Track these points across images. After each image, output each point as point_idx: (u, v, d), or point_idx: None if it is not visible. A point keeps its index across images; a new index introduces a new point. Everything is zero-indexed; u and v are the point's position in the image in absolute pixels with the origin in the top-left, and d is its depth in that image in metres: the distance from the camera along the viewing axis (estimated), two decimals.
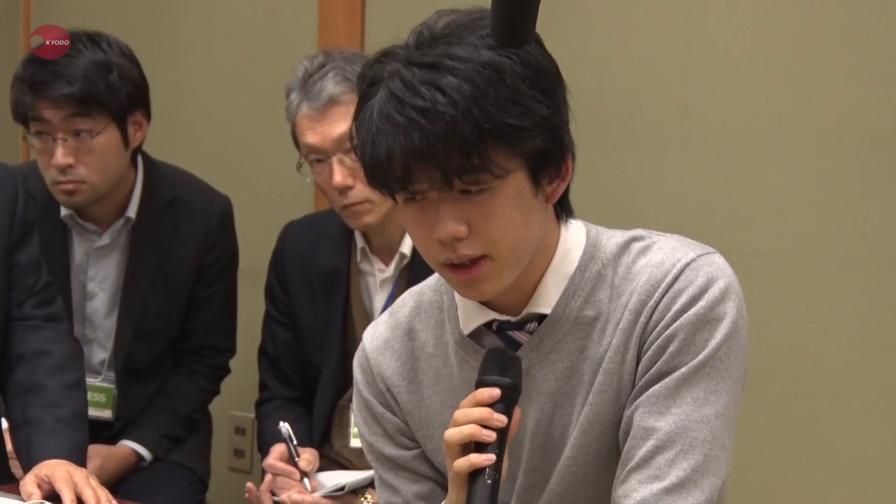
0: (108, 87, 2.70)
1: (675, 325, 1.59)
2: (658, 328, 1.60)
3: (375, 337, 1.81)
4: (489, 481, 1.53)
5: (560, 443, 1.69)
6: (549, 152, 1.56)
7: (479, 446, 1.54)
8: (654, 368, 1.60)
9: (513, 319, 1.68)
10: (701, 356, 1.58)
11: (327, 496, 2.59)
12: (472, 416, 1.55)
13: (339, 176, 2.59)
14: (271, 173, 3.39)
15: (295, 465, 2.64)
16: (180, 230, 2.92)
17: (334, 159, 2.60)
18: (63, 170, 2.71)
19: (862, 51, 2.67)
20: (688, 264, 1.61)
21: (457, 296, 1.71)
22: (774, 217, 2.78)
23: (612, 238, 1.69)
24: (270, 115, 3.04)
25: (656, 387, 1.60)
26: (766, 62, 2.77)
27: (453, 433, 1.56)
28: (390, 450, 1.80)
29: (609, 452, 1.66)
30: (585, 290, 1.66)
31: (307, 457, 2.66)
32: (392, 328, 1.79)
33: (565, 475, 1.68)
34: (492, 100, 1.49)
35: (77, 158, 2.71)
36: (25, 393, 2.45)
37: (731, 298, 1.61)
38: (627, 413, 1.63)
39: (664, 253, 1.64)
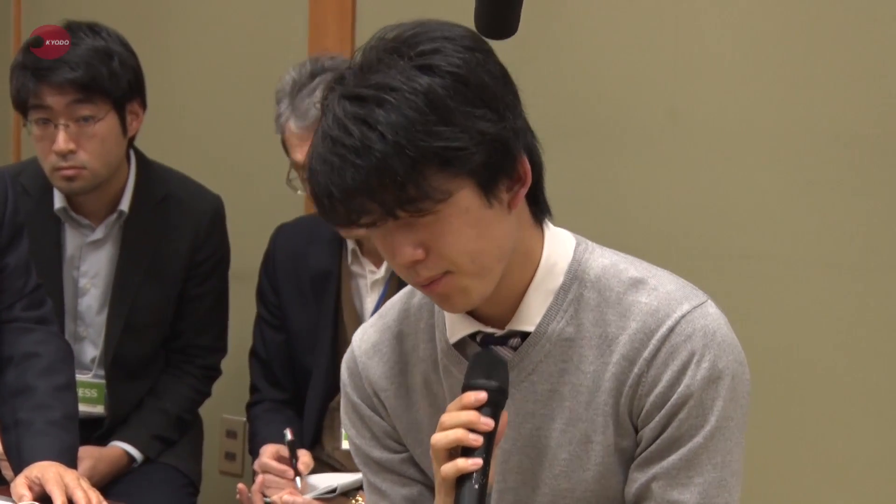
0: (111, 73, 2.73)
1: (680, 389, 1.60)
2: (659, 390, 1.61)
3: (364, 340, 1.80)
4: (476, 486, 1.52)
5: (537, 465, 1.69)
6: (495, 164, 1.54)
7: (467, 451, 1.54)
8: (665, 435, 1.61)
9: (497, 333, 1.67)
10: (712, 421, 1.60)
11: (318, 498, 2.59)
12: (458, 419, 1.55)
13: None
14: (262, 176, 3.38)
15: (293, 466, 2.64)
16: (172, 226, 2.92)
17: None
18: (64, 155, 2.73)
19: (850, 52, 2.68)
20: (683, 317, 1.61)
21: None
22: (763, 219, 2.78)
23: (600, 258, 1.68)
24: (262, 118, 3.04)
25: (673, 458, 1.61)
26: (754, 65, 2.78)
27: (440, 437, 1.55)
28: (378, 453, 1.80)
29: (604, 486, 1.67)
30: (568, 313, 1.65)
31: (305, 459, 2.67)
32: (381, 331, 1.79)
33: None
34: (422, 127, 1.48)
35: (78, 144, 2.73)
36: (15, 395, 2.45)
37: (729, 350, 1.62)
38: (637, 475, 1.64)
39: (659, 299, 1.63)
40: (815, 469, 2.77)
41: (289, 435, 2.69)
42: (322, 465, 2.78)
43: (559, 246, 1.68)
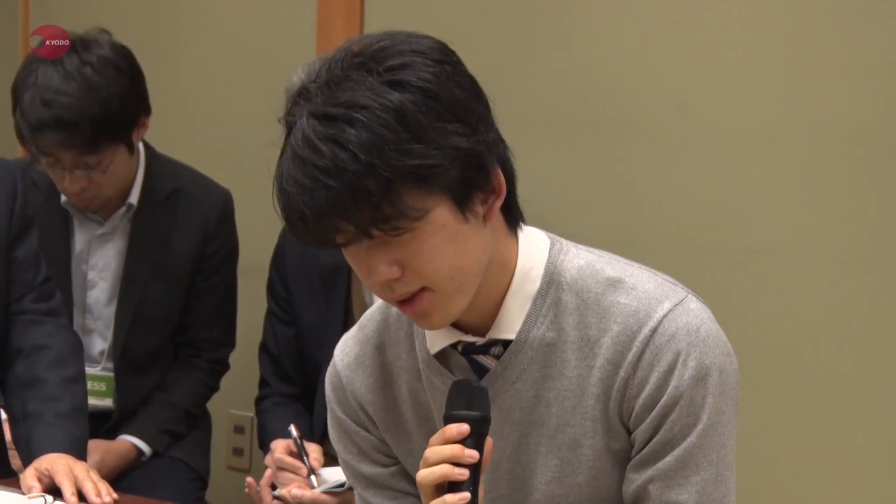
0: (113, 122, 2.69)
1: (668, 391, 1.58)
2: (648, 392, 1.59)
3: (346, 353, 1.77)
4: None
5: (528, 472, 1.67)
6: (469, 178, 1.50)
7: (454, 484, 1.51)
8: (658, 437, 1.60)
9: (479, 342, 1.64)
10: (704, 419, 1.59)
11: (327, 492, 2.59)
12: (443, 454, 1.52)
13: None
14: (272, 171, 3.38)
15: (305, 462, 2.64)
16: (181, 220, 2.93)
17: None
18: (77, 192, 2.75)
19: (858, 48, 2.67)
20: (665, 316, 1.59)
21: None
22: (771, 213, 2.78)
23: (575, 259, 1.65)
24: (271, 114, 3.02)
25: (668, 459, 1.60)
26: (762, 59, 2.77)
27: (425, 475, 1.52)
28: (367, 468, 1.78)
29: (598, 488, 1.66)
30: (548, 318, 1.63)
31: (315, 455, 2.67)
32: (361, 343, 1.76)
33: None
34: (394, 146, 1.45)
35: (89, 181, 2.74)
36: (25, 387, 2.46)
37: (713, 345, 1.60)
38: (634, 476, 1.63)
39: (638, 299, 1.60)
40: (817, 464, 2.76)
41: (294, 431, 2.68)
42: (331, 459, 2.77)
43: (533, 250, 1.65)
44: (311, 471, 2.62)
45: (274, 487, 2.69)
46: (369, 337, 1.75)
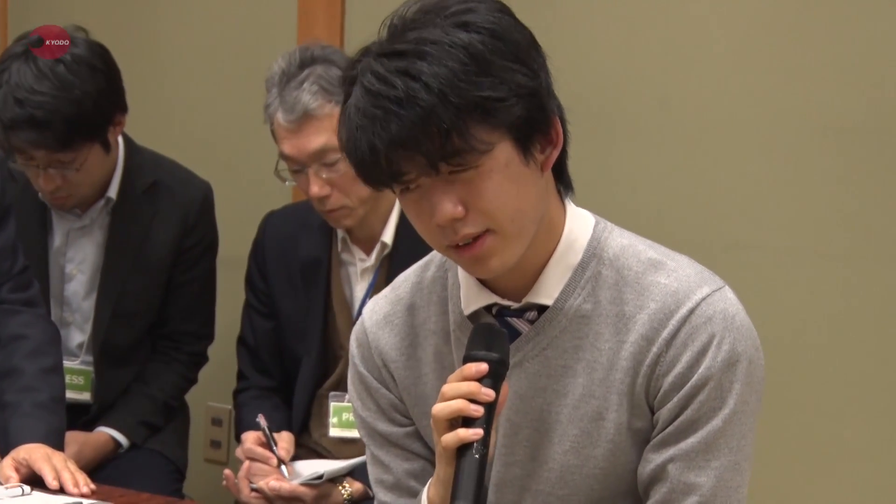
0: (86, 121, 2.67)
1: (700, 371, 1.61)
2: (678, 370, 1.61)
3: (375, 311, 1.81)
4: (477, 456, 1.52)
5: (546, 439, 1.69)
6: (532, 118, 1.57)
7: (468, 421, 1.54)
8: (683, 416, 1.62)
9: (514, 306, 1.68)
10: (731, 404, 1.61)
11: (305, 484, 2.58)
12: (459, 390, 1.55)
13: (315, 187, 2.60)
14: (251, 163, 3.38)
15: (273, 453, 2.63)
16: (160, 213, 2.92)
17: (311, 171, 2.60)
18: (52, 190, 2.74)
19: (841, 43, 2.69)
20: (703, 299, 1.63)
21: (461, 275, 1.72)
22: (753, 209, 2.79)
23: (619, 238, 1.69)
24: (250, 106, 3.03)
25: (691, 440, 1.62)
26: (746, 54, 2.78)
27: (441, 408, 1.56)
28: (383, 426, 1.80)
29: (614, 463, 1.67)
30: (586, 289, 1.66)
31: (284, 445, 2.66)
32: (393, 303, 1.80)
33: (567, 482, 1.69)
34: (464, 77, 1.51)
35: (64, 180, 2.73)
36: (2, 377, 2.45)
37: (747, 334, 1.64)
38: (653, 456, 1.65)
39: (678, 280, 1.64)
40: (806, 459, 2.77)
41: (262, 422, 2.68)
42: (309, 452, 2.78)
43: (580, 222, 1.69)
44: (281, 461, 2.62)
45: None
46: (401, 297, 1.79)
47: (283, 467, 2.61)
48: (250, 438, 2.68)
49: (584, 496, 1.69)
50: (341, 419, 2.73)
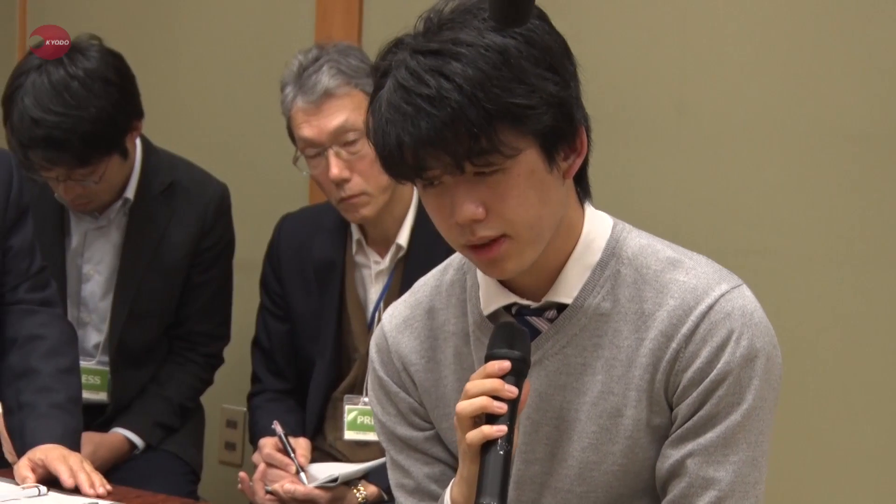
0: (103, 137, 2.68)
1: (718, 366, 1.61)
2: (697, 366, 1.62)
3: (395, 316, 1.82)
4: (501, 452, 1.53)
5: (565, 437, 1.70)
6: (560, 128, 1.58)
7: (491, 418, 1.55)
8: (702, 412, 1.63)
9: (533, 305, 1.69)
10: (749, 400, 1.62)
11: (320, 487, 2.58)
12: (483, 387, 1.56)
13: (335, 169, 2.59)
14: (267, 166, 3.39)
15: (292, 460, 2.63)
16: (177, 214, 2.92)
17: (331, 152, 2.60)
18: (72, 199, 2.77)
19: (858, 49, 2.68)
20: (722, 295, 1.64)
21: (479, 276, 1.73)
22: (769, 214, 2.78)
23: (637, 238, 1.71)
24: (267, 108, 3.04)
25: (710, 435, 1.63)
26: (762, 60, 2.78)
27: (465, 405, 1.57)
28: (403, 430, 1.81)
29: (632, 460, 1.68)
30: (605, 288, 1.67)
31: (302, 451, 2.66)
32: (412, 307, 1.81)
33: (586, 478, 1.69)
34: (497, 82, 1.52)
35: (84, 189, 2.75)
36: (19, 377, 2.45)
37: (765, 331, 1.65)
38: (672, 452, 1.65)
39: (697, 277, 1.65)
40: (822, 462, 2.77)
41: (278, 428, 2.68)
42: (324, 455, 2.78)
43: (598, 223, 1.71)
44: (300, 468, 2.62)
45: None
46: (420, 301, 1.81)
47: (301, 474, 2.61)
48: (269, 444, 2.68)
49: (602, 493, 1.70)
50: (356, 422, 2.73)
